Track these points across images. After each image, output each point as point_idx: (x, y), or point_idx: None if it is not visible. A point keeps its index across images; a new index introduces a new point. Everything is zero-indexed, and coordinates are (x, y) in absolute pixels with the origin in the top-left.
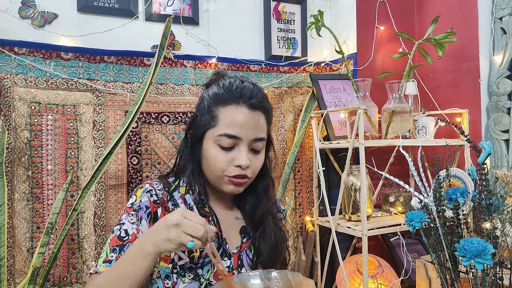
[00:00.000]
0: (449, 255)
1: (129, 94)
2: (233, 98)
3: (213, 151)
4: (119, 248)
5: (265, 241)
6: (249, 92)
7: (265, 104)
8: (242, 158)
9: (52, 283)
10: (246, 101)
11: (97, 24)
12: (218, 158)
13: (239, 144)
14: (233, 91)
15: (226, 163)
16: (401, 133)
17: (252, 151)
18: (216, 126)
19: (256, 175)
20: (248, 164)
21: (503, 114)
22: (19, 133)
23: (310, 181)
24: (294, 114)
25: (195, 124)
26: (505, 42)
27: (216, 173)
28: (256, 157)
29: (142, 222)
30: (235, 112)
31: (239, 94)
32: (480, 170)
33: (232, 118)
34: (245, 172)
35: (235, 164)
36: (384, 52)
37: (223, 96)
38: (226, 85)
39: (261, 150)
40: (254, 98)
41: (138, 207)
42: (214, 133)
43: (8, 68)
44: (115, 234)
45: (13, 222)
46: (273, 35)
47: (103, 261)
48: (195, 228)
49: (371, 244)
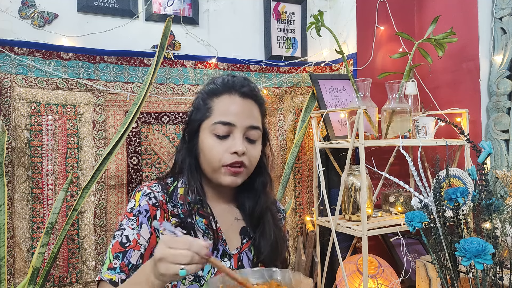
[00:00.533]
0: (449, 255)
1: (129, 94)
2: (226, 89)
3: (209, 141)
4: (122, 254)
5: (265, 240)
6: (240, 82)
7: (257, 93)
8: (237, 145)
9: (52, 283)
10: (238, 89)
11: (97, 24)
12: (214, 147)
13: (234, 131)
14: (225, 83)
15: (222, 151)
16: (401, 133)
17: (247, 140)
18: (211, 116)
19: (253, 168)
20: (244, 151)
21: (503, 114)
22: (19, 133)
23: (310, 181)
24: (294, 114)
25: (190, 120)
26: (505, 42)
27: (213, 163)
28: (252, 147)
29: (143, 226)
30: (228, 101)
31: (231, 85)
32: (480, 170)
33: (226, 106)
34: (241, 159)
35: (231, 151)
36: (384, 52)
37: (216, 89)
38: (219, 80)
39: (257, 140)
40: (245, 87)
41: (138, 212)
42: (209, 123)
43: (8, 68)
44: (117, 240)
45: (13, 222)
46: (273, 35)
47: (107, 268)
48: (180, 256)
49: (371, 244)
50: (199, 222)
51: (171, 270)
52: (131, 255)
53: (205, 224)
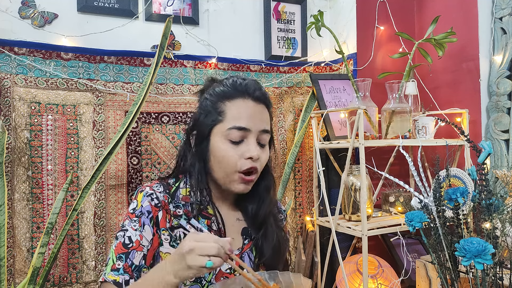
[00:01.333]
0: (449, 255)
1: (129, 94)
2: (239, 92)
3: (223, 146)
4: (125, 255)
5: (268, 242)
6: (253, 87)
7: (268, 97)
8: (252, 150)
9: (52, 283)
10: (251, 94)
11: (97, 24)
12: (228, 153)
13: (248, 136)
14: (237, 86)
15: (237, 157)
16: (401, 133)
17: (259, 145)
18: (223, 121)
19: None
20: (259, 156)
21: (503, 114)
22: (19, 133)
23: (310, 181)
24: (294, 114)
25: (199, 123)
26: (505, 42)
27: (228, 169)
28: (262, 151)
29: (145, 227)
30: (242, 105)
31: (244, 88)
32: (480, 170)
33: (240, 111)
34: (256, 165)
35: (245, 156)
36: (384, 52)
37: (228, 92)
38: (230, 82)
39: (266, 144)
40: (257, 91)
41: (140, 213)
42: (223, 128)
43: (8, 68)
44: (120, 241)
45: (13, 222)
46: (273, 35)
47: (111, 269)
48: (208, 247)
49: (371, 244)
50: (201, 223)
51: (199, 261)
52: (134, 256)
53: (207, 225)
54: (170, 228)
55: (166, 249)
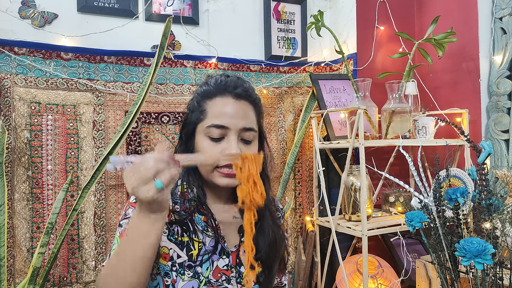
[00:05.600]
0: (449, 255)
1: (129, 94)
2: (219, 90)
3: (204, 143)
4: None
5: (263, 238)
6: (233, 83)
7: (251, 93)
8: (232, 147)
9: (52, 283)
10: (231, 91)
11: (97, 24)
12: (208, 150)
13: (228, 134)
14: (218, 85)
15: (217, 153)
16: (401, 133)
17: (242, 141)
18: (205, 119)
19: None
20: None
21: (503, 114)
22: (19, 133)
23: (310, 181)
24: (294, 114)
25: (187, 122)
26: (505, 42)
27: (207, 166)
28: (247, 147)
29: None
30: (221, 103)
31: (224, 86)
32: (480, 170)
33: (219, 109)
34: (235, 161)
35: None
36: (384, 52)
37: (210, 91)
38: (212, 82)
39: (253, 140)
40: (238, 88)
41: None
42: (204, 126)
43: (8, 68)
44: (124, 228)
45: (13, 222)
46: (273, 35)
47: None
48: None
49: (371, 244)
50: (197, 219)
51: (150, 191)
52: None
53: (204, 221)
54: (169, 223)
55: (163, 242)
